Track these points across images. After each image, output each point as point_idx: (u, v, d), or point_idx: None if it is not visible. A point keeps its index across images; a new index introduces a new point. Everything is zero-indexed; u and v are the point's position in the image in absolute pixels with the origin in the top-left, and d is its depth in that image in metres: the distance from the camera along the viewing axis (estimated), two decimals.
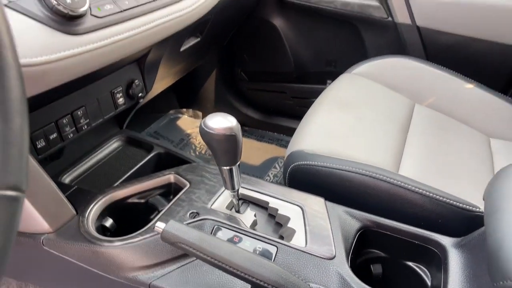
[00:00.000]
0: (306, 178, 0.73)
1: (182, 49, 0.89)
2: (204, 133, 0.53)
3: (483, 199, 0.52)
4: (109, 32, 0.49)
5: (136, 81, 0.74)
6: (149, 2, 0.55)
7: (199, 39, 0.96)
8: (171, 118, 1.58)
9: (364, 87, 1.04)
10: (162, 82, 0.97)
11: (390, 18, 1.17)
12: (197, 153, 1.46)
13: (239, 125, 0.55)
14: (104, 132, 0.84)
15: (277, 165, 1.42)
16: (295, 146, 0.79)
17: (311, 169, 0.72)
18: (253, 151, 1.49)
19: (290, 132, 1.58)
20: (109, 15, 0.49)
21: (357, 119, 0.90)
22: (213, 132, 0.52)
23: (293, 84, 1.49)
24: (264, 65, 1.53)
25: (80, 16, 0.45)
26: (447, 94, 1.03)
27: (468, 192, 0.73)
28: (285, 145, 1.53)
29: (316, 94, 1.46)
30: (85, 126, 0.68)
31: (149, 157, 0.81)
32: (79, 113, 0.65)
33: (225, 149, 0.55)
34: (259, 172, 1.39)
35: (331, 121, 0.88)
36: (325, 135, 0.82)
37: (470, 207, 0.67)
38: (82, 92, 0.66)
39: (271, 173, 1.39)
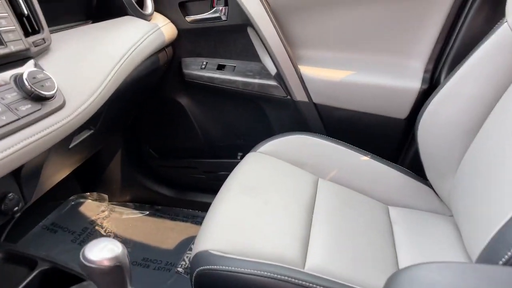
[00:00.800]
0: (212, 285, 0.68)
1: (71, 145, 0.82)
2: (84, 267, 0.47)
3: None
4: None
5: (10, 194, 0.65)
6: (11, 121, 0.49)
7: (92, 131, 0.90)
8: (73, 204, 1.44)
9: (270, 166, 1.05)
10: (51, 179, 0.88)
11: (289, 97, 1.24)
12: None
13: (125, 250, 0.50)
14: None
15: (193, 246, 1.34)
16: (200, 246, 0.75)
17: (215, 274, 0.67)
18: (167, 232, 1.40)
19: (205, 207, 1.53)
20: None
21: (263, 204, 0.89)
22: (94, 266, 0.46)
23: (204, 160, 1.47)
24: (173, 142, 1.50)
25: None
26: (346, 167, 1.09)
27: (370, 274, 0.76)
28: (200, 222, 1.47)
29: (227, 167, 1.46)
30: None
31: (31, 277, 0.69)
32: None
33: (111, 282, 0.49)
34: (173, 257, 1.30)
35: (237, 210, 0.86)
36: (231, 228, 0.80)
37: None
38: None
39: (186, 257, 1.31)
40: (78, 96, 0.63)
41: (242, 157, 1.46)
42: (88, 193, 1.49)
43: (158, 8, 1.25)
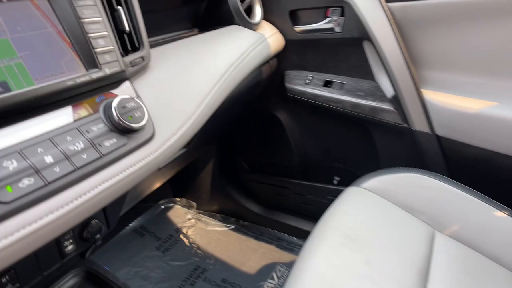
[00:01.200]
0: None
1: (162, 166, 0.77)
2: None
3: None
4: (21, 221, 0.36)
5: (94, 221, 0.62)
6: (92, 161, 0.43)
7: (185, 149, 0.84)
8: (162, 208, 1.44)
9: (376, 209, 0.89)
10: (138, 198, 0.84)
11: (405, 125, 1.05)
12: (186, 253, 1.30)
13: None
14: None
15: (275, 276, 1.24)
16: None
17: None
18: (249, 253, 1.32)
19: (292, 231, 1.42)
20: (24, 195, 0.36)
21: (365, 263, 0.74)
22: None
23: (297, 181, 1.35)
24: (266, 157, 1.41)
25: None
26: (473, 222, 0.87)
27: None
28: (286, 246, 1.36)
29: (321, 192, 1.32)
30: None
31: None
32: (3, 280, 0.51)
33: None
34: (252, 283, 1.21)
35: (333, 267, 0.72)
36: None
37: None
38: None
39: (267, 286, 1.21)
40: (170, 125, 0.56)
41: (338, 182, 1.31)
42: (178, 199, 1.49)
43: (266, 15, 1.16)
